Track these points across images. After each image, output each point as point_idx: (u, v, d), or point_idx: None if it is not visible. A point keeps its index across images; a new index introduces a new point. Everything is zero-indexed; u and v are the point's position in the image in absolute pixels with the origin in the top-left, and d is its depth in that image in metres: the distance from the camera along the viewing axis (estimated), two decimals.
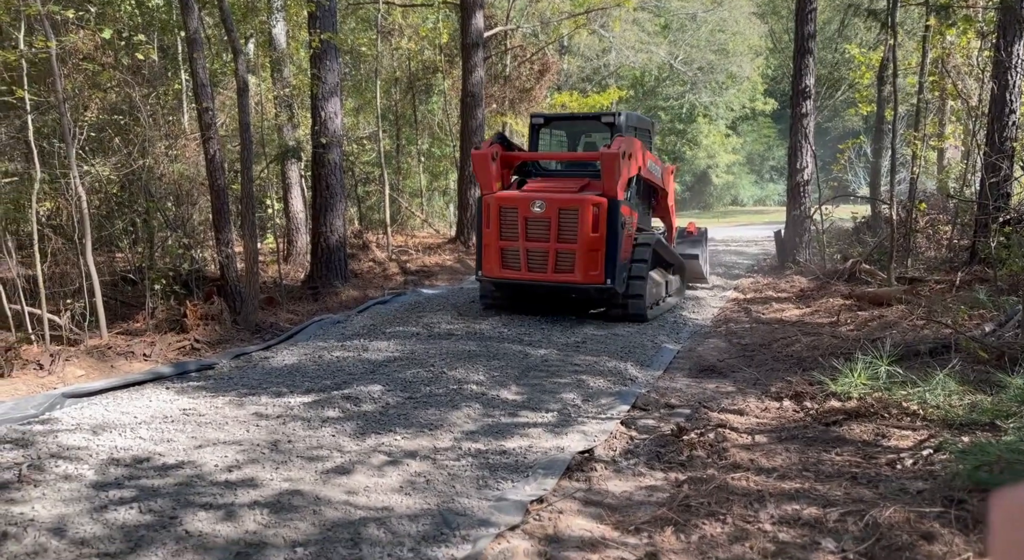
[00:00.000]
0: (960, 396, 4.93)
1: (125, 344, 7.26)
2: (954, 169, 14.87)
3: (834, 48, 28.75)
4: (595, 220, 8.04)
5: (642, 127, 9.78)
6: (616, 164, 7.91)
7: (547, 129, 9.90)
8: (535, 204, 8.14)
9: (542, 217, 8.13)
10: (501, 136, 9.03)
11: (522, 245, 8.26)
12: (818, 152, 13.06)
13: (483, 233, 8.54)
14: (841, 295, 9.35)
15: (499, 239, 8.37)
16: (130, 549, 3.28)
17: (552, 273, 8.18)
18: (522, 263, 8.29)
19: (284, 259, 12.98)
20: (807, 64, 12.67)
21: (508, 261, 8.39)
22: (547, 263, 8.17)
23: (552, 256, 8.15)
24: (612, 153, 7.94)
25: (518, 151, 9.20)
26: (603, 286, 8.16)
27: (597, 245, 8.08)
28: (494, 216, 8.37)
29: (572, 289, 8.31)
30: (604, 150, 8.05)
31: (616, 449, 4.63)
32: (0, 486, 3.89)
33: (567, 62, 27.31)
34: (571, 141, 10.42)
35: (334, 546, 3.33)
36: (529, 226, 8.22)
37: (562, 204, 8.09)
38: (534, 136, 9.63)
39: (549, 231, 8.13)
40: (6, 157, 9.86)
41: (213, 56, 12.70)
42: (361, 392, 5.72)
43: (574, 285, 8.19)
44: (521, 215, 8.21)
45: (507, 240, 8.36)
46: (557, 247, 8.13)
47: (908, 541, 3.04)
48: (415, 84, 18.89)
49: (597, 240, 8.07)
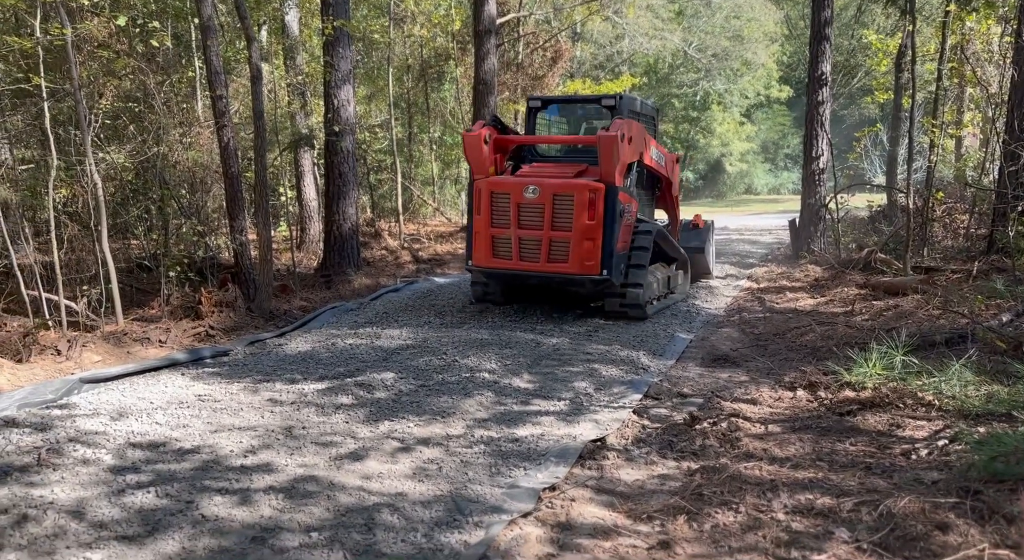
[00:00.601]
0: (976, 386, 4.89)
1: (141, 330, 7.33)
2: (972, 157, 14.68)
3: (851, 34, 28.42)
4: (591, 207, 7.59)
5: (645, 112, 9.33)
6: (614, 148, 7.48)
7: (545, 113, 9.45)
8: (528, 189, 7.72)
9: (535, 203, 7.71)
10: (495, 118, 8.63)
11: (514, 233, 7.83)
12: (834, 140, 12.92)
13: (474, 220, 8.15)
14: (856, 284, 9.28)
15: (490, 226, 7.95)
16: (147, 532, 3.32)
17: (545, 263, 7.76)
18: (514, 252, 7.86)
19: (297, 247, 13.04)
20: (823, 51, 12.52)
21: (499, 250, 7.96)
22: (540, 252, 7.76)
23: (545, 245, 7.74)
24: (610, 136, 7.47)
25: (513, 134, 8.77)
26: (599, 277, 7.72)
27: (593, 233, 7.63)
28: (485, 202, 7.95)
29: (566, 280, 7.87)
30: (602, 133, 7.57)
31: (628, 438, 4.63)
32: (20, 469, 3.95)
33: (580, 49, 27.13)
34: (572, 126, 9.97)
35: (348, 531, 3.35)
36: (522, 213, 7.80)
37: (556, 189, 7.67)
38: (531, 120, 9.20)
39: (543, 218, 7.71)
40: (23, 144, 9.95)
41: (226, 43, 12.71)
42: (374, 379, 5.75)
43: (568, 276, 7.76)
44: (513, 201, 7.79)
45: (498, 227, 7.93)
46: (551, 235, 7.72)
47: (923, 531, 3.02)
48: (427, 72, 18.83)
49: (593, 228, 7.62)
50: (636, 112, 8.84)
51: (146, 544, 3.23)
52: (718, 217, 23.33)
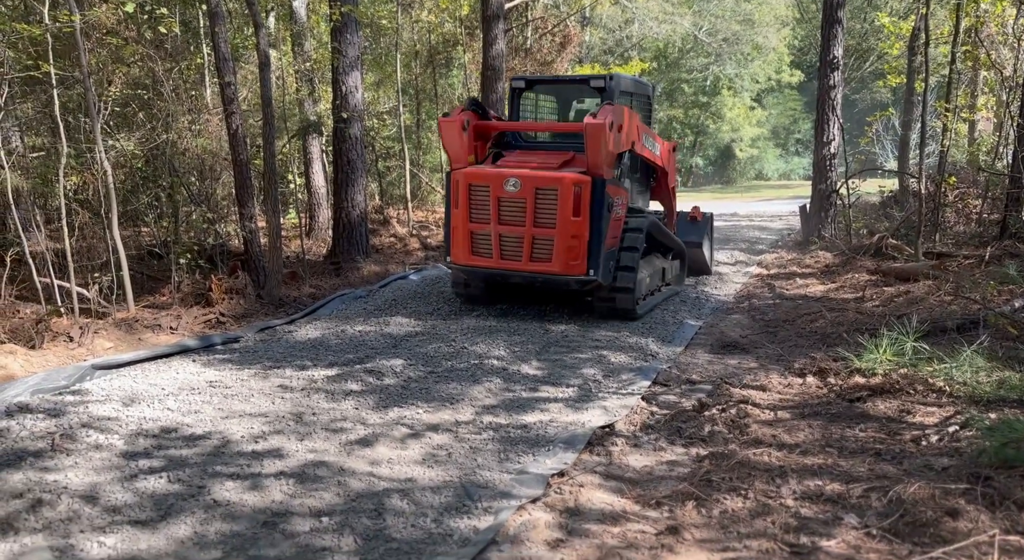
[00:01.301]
0: (988, 372, 4.86)
1: (152, 317, 7.38)
2: (986, 141, 14.51)
3: (863, 17, 28.05)
4: (576, 201, 6.96)
5: (640, 92, 8.56)
6: (602, 137, 6.80)
7: (532, 95, 8.60)
8: (508, 182, 7.07)
9: (516, 197, 7.07)
10: (475, 102, 7.87)
11: (494, 229, 7.20)
12: (845, 125, 12.80)
13: (451, 214, 7.49)
14: (867, 270, 9.22)
15: (468, 222, 7.31)
16: (160, 517, 3.36)
17: (528, 262, 7.15)
18: (494, 250, 7.23)
19: (306, 234, 13.07)
20: (835, 34, 12.36)
21: (479, 247, 7.33)
22: (522, 250, 7.14)
23: (528, 242, 7.11)
24: (597, 123, 6.79)
25: (495, 120, 8.08)
26: (585, 277, 7.13)
27: (578, 231, 7.02)
28: (463, 195, 7.30)
29: (550, 280, 7.28)
30: (588, 120, 6.89)
31: (637, 424, 4.63)
32: (34, 455, 3.99)
33: (589, 34, 26.93)
34: (563, 109, 9.14)
35: (358, 516, 3.38)
36: (502, 207, 7.15)
37: (539, 182, 7.02)
38: (515, 102, 8.36)
39: (524, 214, 7.08)
40: (33, 132, 9.99)
41: (235, 30, 12.69)
42: (383, 366, 5.77)
43: (552, 276, 7.17)
44: (493, 195, 7.14)
45: (477, 222, 7.28)
46: (533, 232, 7.08)
47: (933, 517, 3.02)
48: (435, 57, 18.74)
49: (579, 225, 7.00)
50: (629, 93, 8.24)
51: (159, 528, 3.26)
52: (728, 203, 23.27)
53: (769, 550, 2.93)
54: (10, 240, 8.12)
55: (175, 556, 3.07)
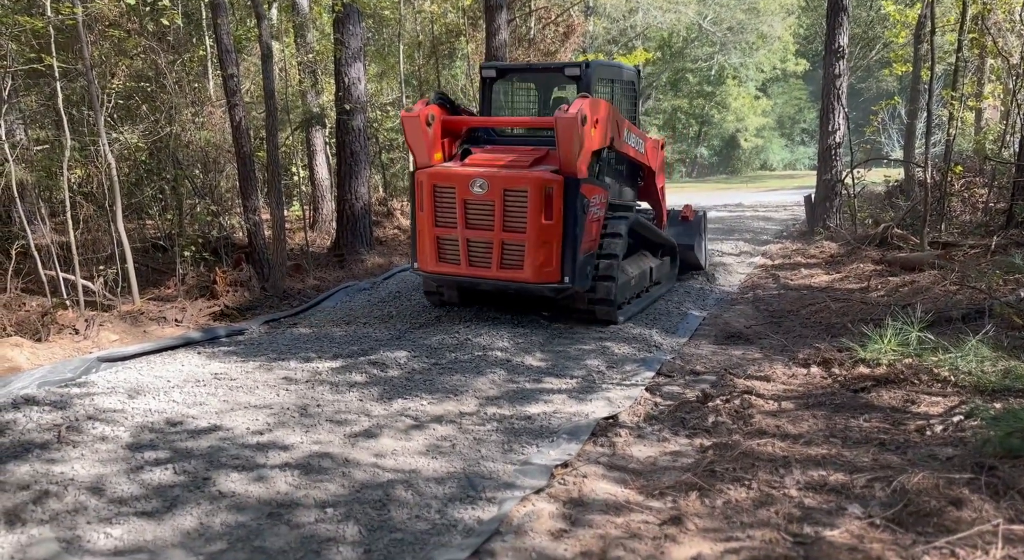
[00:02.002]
0: (993, 362, 4.85)
1: (157, 310, 7.40)
2: (992, 130, 14.42)
3: (869, 5, 27.88)
4: (548, 203, 6.37)
5: (623, 79, 7.85)
6: (574, 131, 6.16)
7: (505, 84, 7.90)
8: (475, 183, 6.47)
9: (484, 200, 6.49)
10: (441, 95, 7.26)
11: (461, 234, 6.62)
12: (851, 114, 12.73)
13: (416, 217, 6.91)
14: (872, 260, 9.19)
15: (434, 226, 6.72)
16: (166, 508, 3.38)
17: (498, 269, 6.57)
18: (462, 256, 6.66)
19: (310, 226, 13.07)
20: (841, 22, 12.27)
21: (445, 253, 6.77)
22: (491, 257, 6.57)
23: (497, 248, 6.53)
24: (568, 117, 6.14)
25: (465, 114, 7.45)
26: (559, 285, 6.57)
27: (550, 236, 6.42)
28: (427, 197, 6.69)
29: (523, 289, 6.71)
30: (559, 114, 6.20)
31: (640, 415, 4.64)
32: (40, 446, 4.02)
33: (592, 24, 26.79)
34: (543, 100, 8.27)
35: (363, 507, 3.39)
36: (469, 210, 6.57)
37: (507, 183, 6.43)
38: (486, 93, 7.70)
39: (493, 217, 6.49)
40: (37, 125, 10.00)
41: (237, 22, 12.67)
42: (387, 358, 5.78)
43: (524, 284, 6.59)
44: (459, 196, 6.55)
45: (443, 227, 6.70)
46: (503, 237, 6.50)
47: (937, 507, 3.02)
48: (438, 48, 18.68)
49: (551, 229, 6.41)
50: (610, 81, 7.63)
51: (164, 520, 3.28)
52: (732, 193, 23.18)
53: (772, 540, 2.93)
54: (15, 233, 8.15)
55: (181, 547, 3.09)
